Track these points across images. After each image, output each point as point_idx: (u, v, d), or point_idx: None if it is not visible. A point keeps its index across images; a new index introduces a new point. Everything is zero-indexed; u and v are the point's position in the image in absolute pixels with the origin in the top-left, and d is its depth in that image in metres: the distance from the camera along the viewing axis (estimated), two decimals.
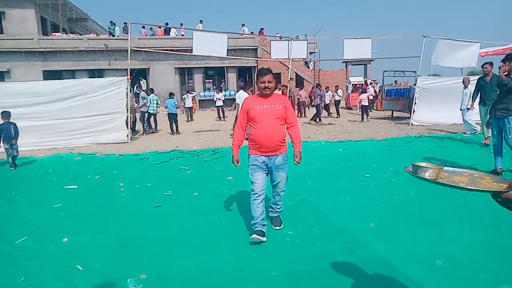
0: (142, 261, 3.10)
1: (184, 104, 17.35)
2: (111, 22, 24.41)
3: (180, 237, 3.61)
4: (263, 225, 3.44)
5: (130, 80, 10.27)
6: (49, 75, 20.68)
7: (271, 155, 3.45)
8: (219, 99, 16.82)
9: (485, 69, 7.55)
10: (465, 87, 9.54)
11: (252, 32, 25.03)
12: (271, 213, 3.79)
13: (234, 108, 15.37)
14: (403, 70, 20.72)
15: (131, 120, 11.37)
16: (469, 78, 10.14)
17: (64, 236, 3.68)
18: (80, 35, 24.60)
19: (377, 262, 2.78)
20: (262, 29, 26.36)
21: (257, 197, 3.42)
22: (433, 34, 12.22)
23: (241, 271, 2.87)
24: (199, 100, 23.06)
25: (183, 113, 17.59)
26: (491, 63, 7.55)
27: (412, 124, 12.01)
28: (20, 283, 2.79)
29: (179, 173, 6.32)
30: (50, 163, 7.46)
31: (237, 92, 13.79)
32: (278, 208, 3.75)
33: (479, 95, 7.86)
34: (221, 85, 22.98)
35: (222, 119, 16.63)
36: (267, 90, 3.40)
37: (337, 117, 15.94)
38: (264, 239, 3.37)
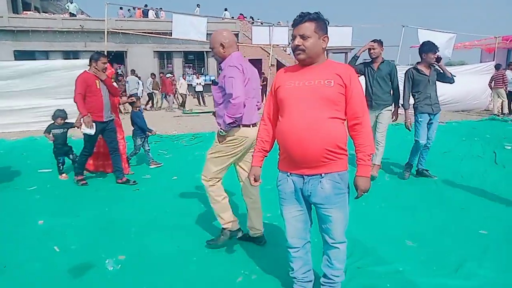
0: (120, 243, 3.10)
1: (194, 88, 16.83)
2: None
3: (159, 220, 3.62)
4: (307, 281, 2.24)
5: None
6: (21, 55, 19.84)
7: (307, 174, 1.97)
8: (199, 84, 16.65)
9: (372, 51, 4.75)
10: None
11: (233, 17, 24.72)
12: None
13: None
14: None
15: None
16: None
17: (40, 218, 3.62)
18: (53, 14, 23.62)
19: (351, 243, 2.89)
20: (241, 14, 26.06)
21: (290, 249, 2.18)
22: (412, 24, 12.40)
23: (220, 251, 2.92)
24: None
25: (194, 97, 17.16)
26: (380, 42, 4.78)
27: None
28: None
29: (158, 157, 6.27)
30: (24, 146, 7.25)
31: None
32: (333, 281, 2.16)
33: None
34: (201, 70, 22.72)
35: (202, 104, 16.50)
36: (298, 52, 1.92)
37: None
38: None
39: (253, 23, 19.68)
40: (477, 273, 2.57)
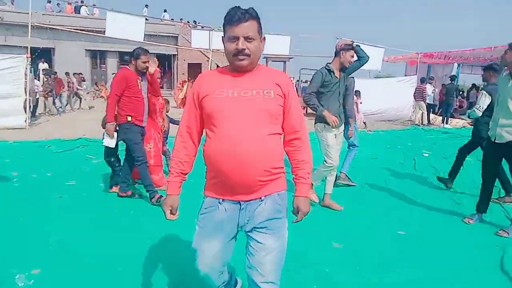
0: (36, 256, 2.83)
1: None
2: None
3: (80, 229, 3.36)
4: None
5: (30, 59, 9.23)
6: None
7: (245, 200, 1.67)
8: None
9: (345, 55, 4.04)
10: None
11: (173, 19, 24.25)
12: None
13: None
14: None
15: (31, 104, 10.28)
16: None
17: None
18: None
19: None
20: (187, 22, 25.70)
21: (205, 276, 1.76)
22: (345, 36, 13.15)
23: (147, 261, 2.79)
24: None
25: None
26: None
27: None
28: None
29: (85, 163, 5.89)
30: None
31: None
32: None
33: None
34: None
35: None
36: (242, 57, 1.61)
37: None
38: None
39: (195, 27, 19.43)
40: (394, 270, 2.76)
